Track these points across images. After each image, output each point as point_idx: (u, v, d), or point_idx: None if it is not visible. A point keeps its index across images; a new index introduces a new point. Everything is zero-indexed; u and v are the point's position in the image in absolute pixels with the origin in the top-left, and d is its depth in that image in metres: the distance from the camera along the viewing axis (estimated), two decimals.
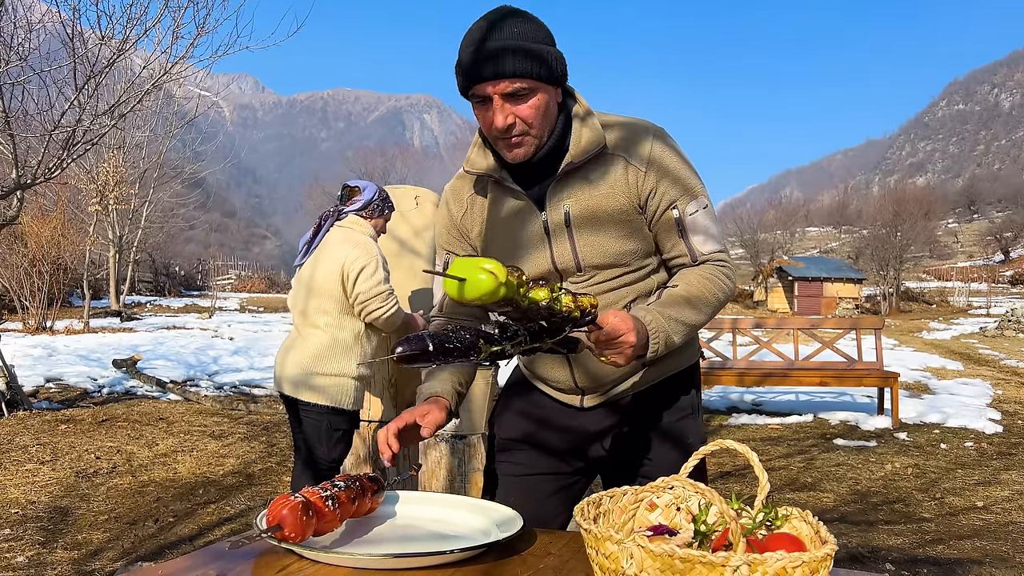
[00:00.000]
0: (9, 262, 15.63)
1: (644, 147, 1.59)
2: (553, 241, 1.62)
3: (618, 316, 1.42)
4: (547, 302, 1.28)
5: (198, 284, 38.22)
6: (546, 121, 1.55)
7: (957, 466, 5.99)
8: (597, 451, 1.78)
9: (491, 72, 1.47)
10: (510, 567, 1.19)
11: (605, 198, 1.59)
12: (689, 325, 1.55)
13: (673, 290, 1.57)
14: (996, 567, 3.82)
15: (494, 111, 1.50)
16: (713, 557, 0.94)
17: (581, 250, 1.61)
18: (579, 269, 1.63)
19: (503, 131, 1.51)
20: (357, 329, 3.33)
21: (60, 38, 6.63)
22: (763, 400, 9.16)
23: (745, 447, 1.18)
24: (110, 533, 4.20)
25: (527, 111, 1.50)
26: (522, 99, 1.50)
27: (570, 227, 1.60)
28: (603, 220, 1.59)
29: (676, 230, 1.61)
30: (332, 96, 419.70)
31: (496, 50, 1.46)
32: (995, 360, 14.01)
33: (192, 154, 25.86)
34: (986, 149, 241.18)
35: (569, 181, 1.60)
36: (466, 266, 1.21)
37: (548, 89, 1.53)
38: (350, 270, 3.26)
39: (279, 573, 1.13)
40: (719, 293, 1.60)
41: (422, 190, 5.15)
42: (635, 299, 1.65)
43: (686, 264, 1.64)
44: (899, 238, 40.15)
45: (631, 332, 1.39)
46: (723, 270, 1.62)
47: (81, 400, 8.24)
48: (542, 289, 1.29)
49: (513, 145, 1.54)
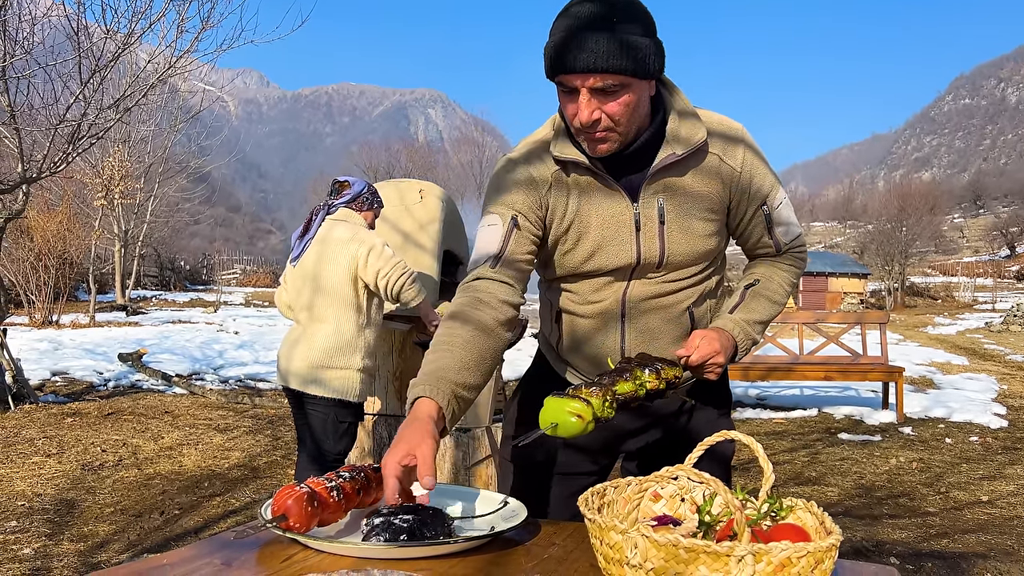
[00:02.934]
0: (15, 256, 15.67)
1: (738, 151, 1.58)
2: (642, 234, 1.56)
3: (705, 338, 1.54)
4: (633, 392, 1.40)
5: (203, 278, 38.30)
6: (635, 118, 1.47)
7: (962, 460, 5.98)
8: (628, 448, 1.76)
9: (581, 65, 1.37)
10: (514, 557, 1.19)
11: (700, 195, 1.56)
12: (768, 321, 1.68)
13: (755, 288, 1.68)
14: (1001, 561, 3.82)
15: (580, 104, 1.42)
16: (717, 547, 0.94)
17: (669, 246, 1.57)
18: (660, 266, 1.58)
19: (587, 126, 1.44)
20: (362, 322, 3.35)
21: (65, 32, 6.63)
22: (767, 394, 9.15)
23: (749, 438, 1.18)
24: (116, 525, 4.22)
25: (615, 108, 1.42)
26: (612, 96, 1.41)
27: (663, 223, 1.56)
28: (694, 217, 1.57)
29: (764, 226, 1.66)
30: (337, 91, 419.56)
31: (588, 41, 1.36)
32: (1000, 355, 13.97)
33: (197, 149, 25.94)
34: (992, 144, 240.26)
35: (666, 175, 1.55)
36: (556, 411, 1.32)
37: (641, 84, 1.44)
38: (359, 258, 3.27)
39: (284, 563, 1.13)
40: (794, 280, 1.73)
41: (426, 184, 5.15)
42: (696, 300, 1.65)
43: (770, 254, 1.72)
44: (904, 233, 40.04)
45: (720, 354, 1.54)
46: (800, 256, 1.74)
47: (87, 393, 8.27)
48: (625, 383, 1.40)
49: (596, 140, 1.47)
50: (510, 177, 1.61)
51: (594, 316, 1.65)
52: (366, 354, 3.36)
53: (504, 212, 1.58)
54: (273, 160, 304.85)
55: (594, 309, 1.64)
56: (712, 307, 1.70)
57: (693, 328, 1.65)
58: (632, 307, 1.62)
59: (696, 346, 1.53)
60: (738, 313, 1.63)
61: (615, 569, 1.02)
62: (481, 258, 1.58)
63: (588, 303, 1.65)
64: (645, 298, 1.62)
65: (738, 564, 0.93)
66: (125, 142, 20.49)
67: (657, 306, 1.63)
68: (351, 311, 3.32)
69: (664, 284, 1.61)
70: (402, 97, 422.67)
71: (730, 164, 1.57)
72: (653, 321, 1.63)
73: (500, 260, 1.56)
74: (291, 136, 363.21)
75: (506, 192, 1.60)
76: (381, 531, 1.19)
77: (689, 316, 1.65)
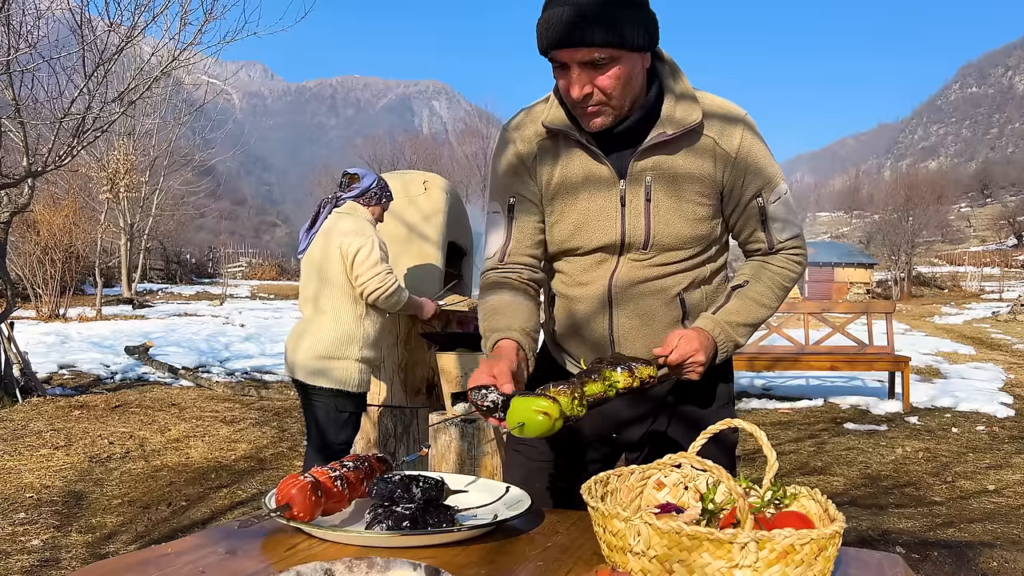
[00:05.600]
0: (22, 250, 15.72)
1: (735, 134, 1.55)
2: (627, 212, 1.55)
3: (684, 338, 1.50)
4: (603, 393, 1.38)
5: (209, 271, 38.34)
6: (628, 91, 1.46)
7: (968, 450, 5.97)
8: (627, 438, 1.74)
9: (569, 39, 1.38)
10: (518, 546, 1.19)
11: (690, 177, 1.54)
12: (755, 324, 1.61)
13: (743, 290, 1.62)
14: (1007, 550, 3.81)
15: (572, 79, 1.43)
16: (720, 534, 0.93)
17: (655, 227, 1.55)
18: (645, 246, 1.57)
19: (580, 100, 1.45)
20: (360, 313, 3.36)
21: (69, 25, 6.63)
22: (773, 385, 9.14)
23: (753, 426, 1.17)
24: (124, 517, 4.24)
25: (606, 81, 1.42)
26: (602, 69, 1.41)
27: (649, 201, 1.54)
28: (683, 199, 1.55)
29: (758, 219, 1.61)
30: (341, 83, 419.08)
31: (576, 16, 1.36)
32: (1007, 344, 13.93)
33: (202, 142, 25.92)
34: (999, 132, 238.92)
35: (656, 153, 1.53)
36: (522, 410, 1.29)
37: (632, 57, 1.44)
38: (347, 252, 3.29)
39: (288, 551, 1.14)
40: (787, 283, 1.65)
41: (431, 175, 5.14)
42: (687, 287, 1.62)
43: (762, 250, 1.65)
44: (911, 223, 39.88)
45: (699, 352, 1.49)
46: (795, 257, 1.66)
47: (94, 386, 8.31)
48: (595, 383, 1.37)
49: (590, 115, 1.48)
50: (502, 157, 1.66)
51: (584, 299, 1.63)
52: (365, 345, 3.37)
53: (502, 198, 1.64)
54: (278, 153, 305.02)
55: (583, 292, 1.63)
56: (708, 295, 1.66)
57: (685, 316, 1.63)
58: (620, 291, 1.60)
59: (675, 346, 1.49)
60: (720, 314, 1.59)
61: (618, 557, 1.02)
62: (492, 251, 1.66)
63: (577, 284, 1.64)
64: (634, 282, 1.59)
65: (741, 551, 0.93)
66: (130, 135, 20.50)
67: (646, 291, 1.60)
68: (349, 302, 3.34)
69: (653, 268, 1.58)
70: (406, 89, 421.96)
71: (725, 148, 1.54)
72: (642, 307, 1.60)
73: (507, 253, 1.63)
74: (295, 129, 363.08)
75: (500, 175, 1.65)
76: (384, 519, 1.19)
77: (680, 303, 1.62)
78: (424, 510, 1.20)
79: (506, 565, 1.11)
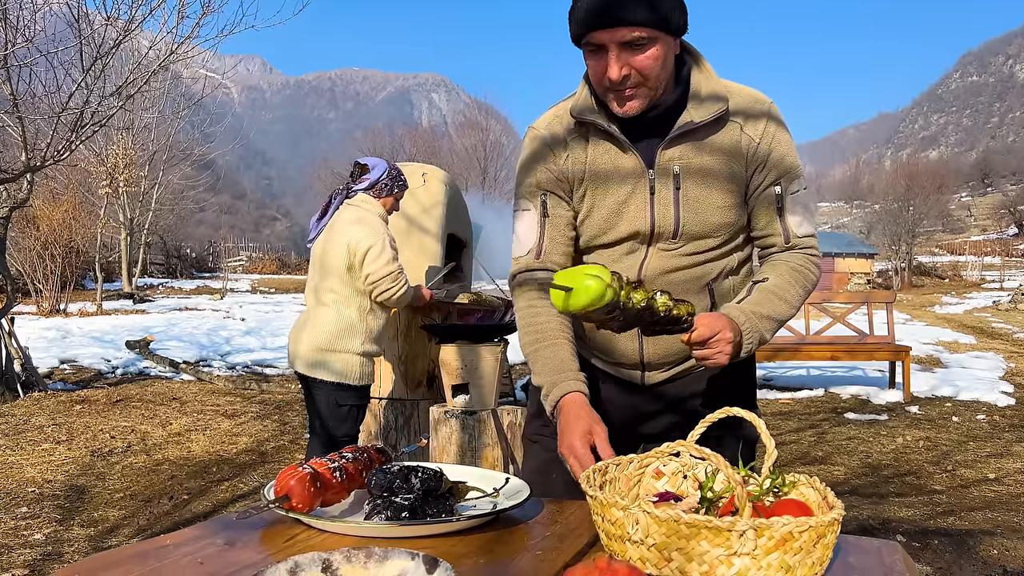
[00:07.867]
0: (22, 245, 15.71)
1: (761, 120, 1.55)
2: (656, 202, 1.55)
3: (712, 315, 1.46)
4: (645, 303, 1.31)
5: (209, 266, 38.34)
6: (663, 73, 1.46)
7: (969, 439, 5.98)
8: (649, 430, 1.73)
9: (609, 19, 1.38)
10: (516, 535, 1.20)
11: (718, 164, 1.54)
12: (780, 320, 1.56)
13: (764, 284, 1.57)
14: (1008, 538, 3.82)
15: (609, 61, 1.42)
16: (719, 522, 0.93)
17: (684, 215, 1.55)
18: (675, 236, 1.56)
19: (617, 82, 1.43)
20: (363, 306, 3.35)
21: (66, 19, 6.62)
22: (774, 375, 9.15)
23: (752, 414, 1.18)
24: (126, 511, 4.25)
25: (644, 62, 1.42)
26: (640, 49, 1.41)
27: (678, 190, 1.54)
28: (711, 187, 1.54)
29: (775, 207, 1.59)
30: (340, 76, 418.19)
31: None
32: (1008, 333, 13.93)
33: (201, 136, 25.91)
34: (1000, 121, 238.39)
35: (683, 141, 1.53)
36: (570, 275, 1.23)
37: (668, 40, 1.44)
38: (356, 250, 3.27)
39: (287, 543, 1.14)
40: (808, 285, 1.60)
41: (430, 167, 5.14)
42: (716, 276, 1.61)
43: (778, 244, 1.62)
44: (911, 212, 39.82)
45: (727, 328, 1.42)
46: (813, 259, 1.63)
47: (95, 381, 8.31)
48: (638, 291, 1.31)
49: (626, 98, 1.46)
50: (531, 154, 1.64)
51: None
52: (368, 339, 3.36)
53: (533, 195, 1.64)
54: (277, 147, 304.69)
55: None
56: (736, 286, 1.65)
57: (713, 305, 1.62)
58: (650, 281, 1.59)
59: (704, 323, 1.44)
60: (746, 304, 1.54)
61: (617, 545, 1.02)
62: (524, 249, 1.65)
63: None
64: (663, 271, 1.59)
65: (739, 539, 0.93)
66: (128, 130, 20.44)
67: (676, 280, 1.59)
68: (353, 295, 3.33)
69: (683, 257, 1.58)
70: (405, 82, 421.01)
71: (749, 135, 1.55)
72: None
73: (542, 251, 1.63)
74: (295, 122, 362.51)
75: (531, 173, 1.64)
76: (383, 510, 1.19)
77: (709, 292, 1.62)
78: (423, 500, 1.20)
79: (505, 555, 1.11)
